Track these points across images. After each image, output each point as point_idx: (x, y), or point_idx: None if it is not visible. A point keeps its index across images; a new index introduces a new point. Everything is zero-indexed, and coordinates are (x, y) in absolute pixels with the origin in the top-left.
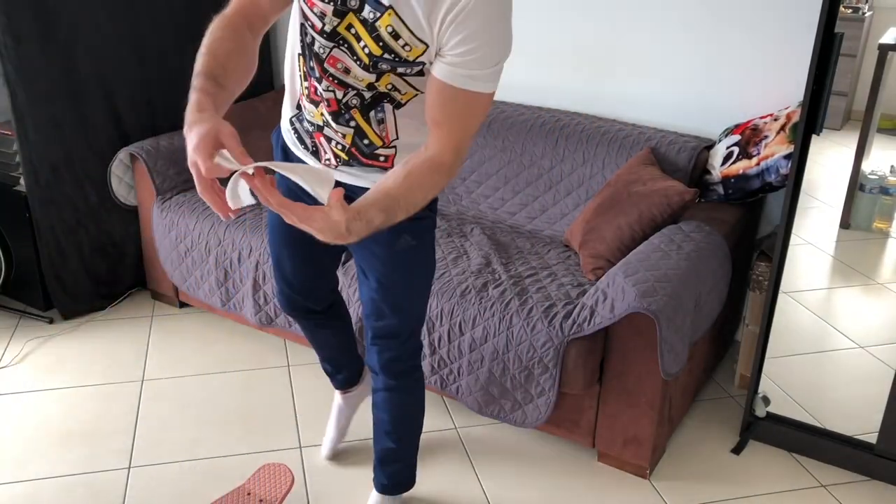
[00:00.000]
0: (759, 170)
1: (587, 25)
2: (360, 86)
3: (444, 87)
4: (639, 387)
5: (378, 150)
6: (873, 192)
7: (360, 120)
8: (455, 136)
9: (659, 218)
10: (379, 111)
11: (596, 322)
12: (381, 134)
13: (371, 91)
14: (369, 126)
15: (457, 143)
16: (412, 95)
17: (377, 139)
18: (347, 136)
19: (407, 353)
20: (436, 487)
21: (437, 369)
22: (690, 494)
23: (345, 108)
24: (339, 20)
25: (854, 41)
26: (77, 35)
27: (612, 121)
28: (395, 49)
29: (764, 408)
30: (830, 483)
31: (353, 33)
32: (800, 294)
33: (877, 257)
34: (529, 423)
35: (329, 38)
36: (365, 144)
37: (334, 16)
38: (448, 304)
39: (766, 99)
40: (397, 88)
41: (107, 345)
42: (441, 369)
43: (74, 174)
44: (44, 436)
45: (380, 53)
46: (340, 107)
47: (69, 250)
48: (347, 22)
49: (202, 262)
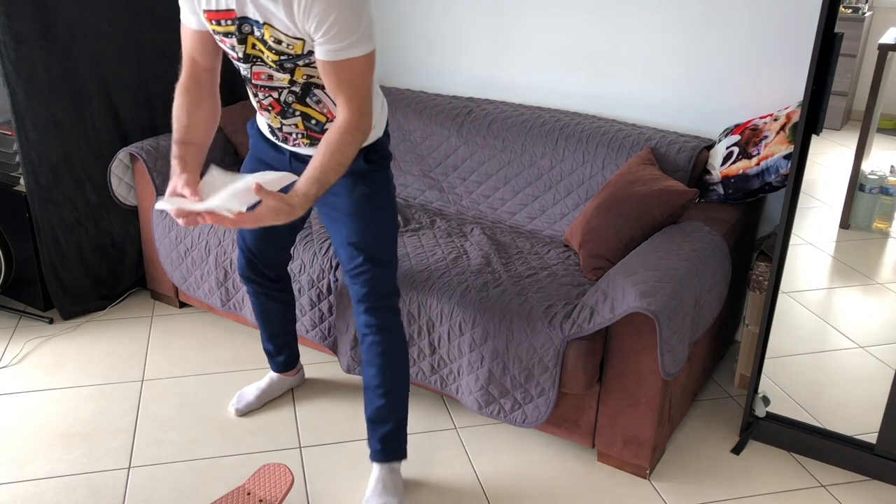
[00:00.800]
0: (759, 170)
1: (587, 25)
2: (284, 84)
3: (324, 65)
4: (639, 387)
5: (327, 125)
6: (873, 192)
7: (301, 108)
8: (352, 99)
9: (659, 218)
10: (312, 97)
11: (596, 322)
12: (323, 112)
13: (295, 85)
14: (311, 109)
15: (356, 104)
16: None
17: (322, 117)
18: (299, 124)
19: (383, 284)
20: (436, 487)
21: (437, 369)
22: (690, 494)
23: (286, 105)
24: (244, 45)
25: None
26: (77, 35)
27: (611, 121)
28: (284, 51)
29: (764, 408)
30: (830, 483)
31: (257, 49)
32: (800, 294)
33: (876, 257)
34: (529, 423)
35: (245, 60)
36: (314, 125)
37: (239, 44)
38: (448, 305)
39: (766, 99)
40: (312, 76)
41: (107, 345)
42: (441, 369)
43: (74, 174)
44: (44, 436)
45: (277, 58)
46: (283, 105)
47: (69, 250)
48: (250, 43)
49: (202, 261)
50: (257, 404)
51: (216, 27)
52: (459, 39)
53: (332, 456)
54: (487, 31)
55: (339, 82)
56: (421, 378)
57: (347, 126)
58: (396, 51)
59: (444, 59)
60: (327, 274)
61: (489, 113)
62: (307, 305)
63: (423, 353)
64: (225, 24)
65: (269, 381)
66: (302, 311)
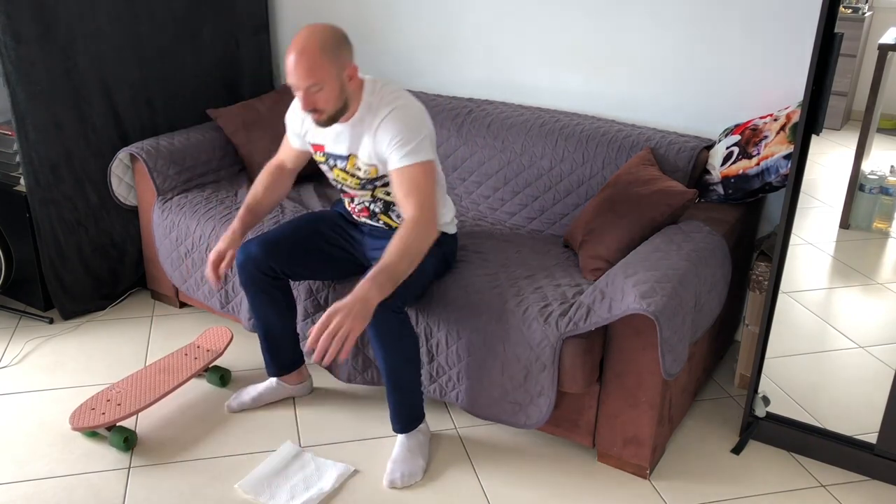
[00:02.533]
0: (759, 170)
1: (587, 26)
2: (368, 198)
3: (394, 173)
4: (639, 387)
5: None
6: (873, 192)
7: (384, 219)
8: (415, 200)
9: (658, 219)
10: (394, 212)
11: (592, 320)
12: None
13: (378, 202)
14: (389, 218)
15: (418, 204)
16: None
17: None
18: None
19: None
20: (436, 487)
21: (436, 377)
22: (690, 494)
23: (372, 214)
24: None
25: (854, 41)
26: (77, 35)
27: (611, 121)
28: (363, 176)
29: (764, 408)
30: (830, 483)
31: (341, 178)
32: (800, 294)
33: (876, 257)
34: (531, 424)
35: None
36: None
37: (329, 170)
38: (445, 310)
39: (766, 99)
40: (390, 194)
41: (107, 345)
42: (440, 376)
43: (74, 174)
44: (44, 436)
45: (358, 182)
46: (370, 212)
47: (69, 250)
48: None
49: (203, 264)
50: (251, 405)
51: (316, 156)
52: (459, 40)
53: (332, 456)
54: (487, 31)
55: (407, 187)
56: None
57: (414, 223)
58: (396, 51)
59: (443, 60)
60: (327, 286)
61: (489, 113)
62: (302, 314)
63: (421, 361)
64: (319, 155)
65: (268, 386)
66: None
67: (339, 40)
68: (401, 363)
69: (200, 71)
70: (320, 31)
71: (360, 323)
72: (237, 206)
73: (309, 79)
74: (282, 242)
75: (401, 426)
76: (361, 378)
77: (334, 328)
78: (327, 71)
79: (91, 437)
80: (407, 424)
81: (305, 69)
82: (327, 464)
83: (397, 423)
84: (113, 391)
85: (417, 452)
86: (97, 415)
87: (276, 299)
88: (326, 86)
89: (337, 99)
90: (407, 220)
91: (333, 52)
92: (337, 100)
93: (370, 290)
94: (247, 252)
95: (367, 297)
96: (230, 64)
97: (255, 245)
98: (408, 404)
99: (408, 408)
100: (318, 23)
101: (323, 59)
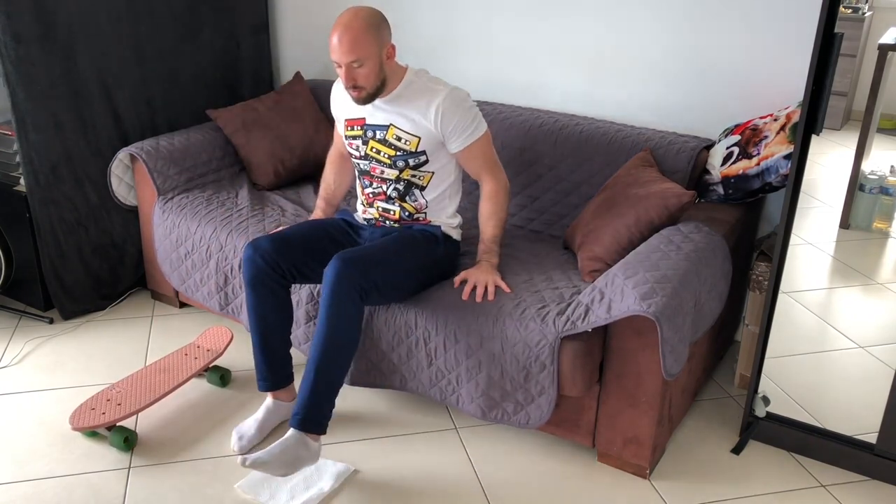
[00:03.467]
0: (759, 170)
1: (586, 26)
2: (392, 178)
3: (462, 152)
4: (639, 387)
5: (416, 216)
6: (873, 192)
7: (400, 203)
8: (488, 172)
9: (657, 221)
10: (412, 195)
11: (590, 320)
12: (415, 206)
13: (400, 182)
14: (407, 204)
15: (491, 174)
16: (429, 178)
17: (413, 209)
18: (396, 212)
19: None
20: (436, 488)
21: (436, 380)
22: (690, 494)
23: (388, 198)
24: (366, 146)
25: (854, 41)
26: (77, 35)
27: (610, 122)
28: (401, 147)
29: (764, 408)
30: (830, 483)
31: (375, 150)
32: (800, 294)
33: (876, 257)
34: (533, 424)
35: (364, 158)
36: (406, 215)
37: (363, 144)
38: (443, 313)
39: (766, 99)
40: (415, 176)
41: (107, 345)
42: (439, 380)
43: (74, 174)
44: (44, 436)
45: (393, 153)
46: (387, 196)
47: (69, 250)
48: (371, 146)
49: (202, 265)
50: (260, 437)
51: (349, 132)
52: (458, 41)
53: (333, 456)
54: (486, 32)
55: (477, 161)
56: (421, 391)
57: (495, 192)
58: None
59: (443, 61)
60: None
61: (488, 114)
62: (303, 318)
63: (421, 365)
64: (356, 130)
65: (266, 409)
66: (297, 323)
67: (380, 20)
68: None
69: (200, 71)
70: (364, 11)
71: (491, 276)
72: (238, 209)
73: (352, 54)
74: (292, 241)
75: (300, 419)
76: (364, 381)
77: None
78: (369, 48)
79: (91, 437)
80: (306, 421)
81: (349, 45)
82: (327, 464)
83: (299, 412)
84: (113, 391)
85: (290, 462)
86: (97, 415)
87: (277, 299)
88: (367, 62)
89: (377, 76)
90: (489, 191)
91: (375, 31)
92: (377, 77)
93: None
94: (256, 246)
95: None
96: (230, 64)
97: (266, 240)
98: (316, 403)
99: (316, 407)
100: (360, 5)
101: (366, 37)
